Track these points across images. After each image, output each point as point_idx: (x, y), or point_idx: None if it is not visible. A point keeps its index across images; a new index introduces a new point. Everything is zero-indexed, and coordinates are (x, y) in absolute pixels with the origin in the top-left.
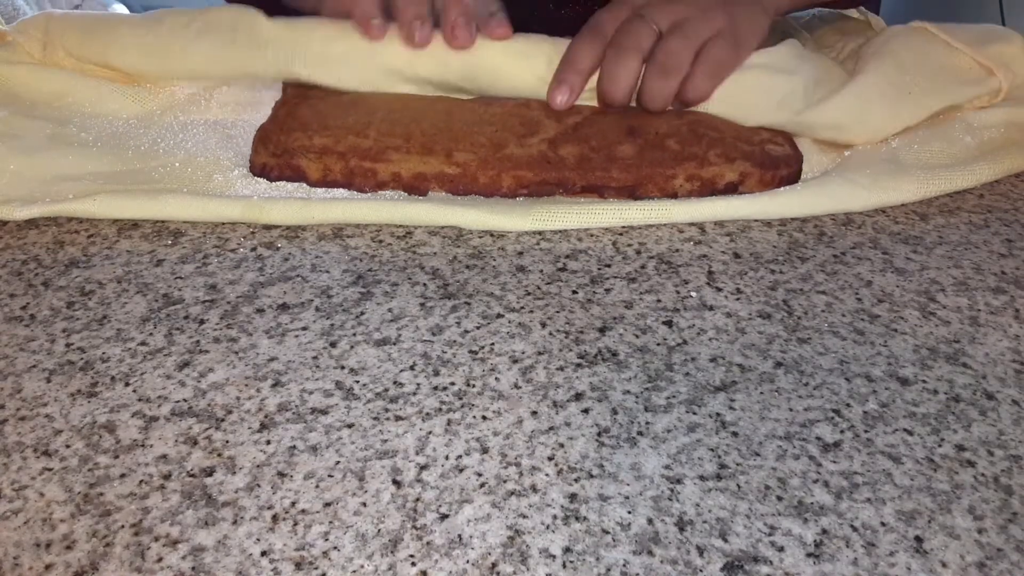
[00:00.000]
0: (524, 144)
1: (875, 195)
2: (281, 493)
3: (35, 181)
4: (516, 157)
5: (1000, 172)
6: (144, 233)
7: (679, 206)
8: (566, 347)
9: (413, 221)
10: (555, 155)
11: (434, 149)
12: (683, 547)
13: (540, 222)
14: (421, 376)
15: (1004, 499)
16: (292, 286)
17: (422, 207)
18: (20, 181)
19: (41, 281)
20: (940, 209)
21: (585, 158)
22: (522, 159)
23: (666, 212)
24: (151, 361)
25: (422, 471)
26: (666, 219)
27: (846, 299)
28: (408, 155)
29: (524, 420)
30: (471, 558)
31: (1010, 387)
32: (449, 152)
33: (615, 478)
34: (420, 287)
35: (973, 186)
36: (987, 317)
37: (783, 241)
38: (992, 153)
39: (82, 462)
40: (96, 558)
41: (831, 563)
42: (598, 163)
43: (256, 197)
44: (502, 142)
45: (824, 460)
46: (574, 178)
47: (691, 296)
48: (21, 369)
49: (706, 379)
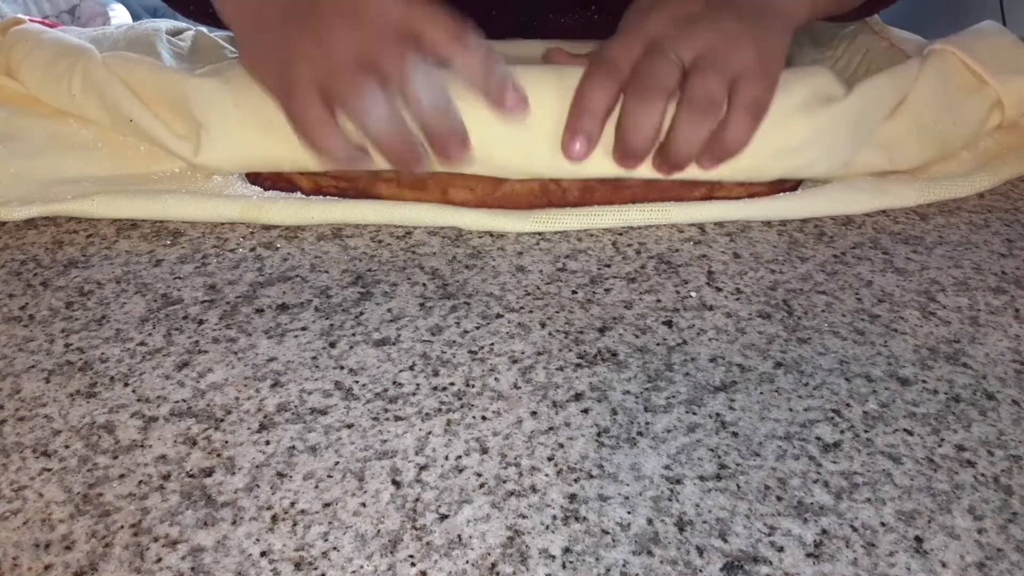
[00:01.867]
0: (524, 182)
1: (876, 200)
2: (280, 493)
3: (34, 184)
4: (516, 194)
5: (999, 181)
6: (143, 233)
7: (679, 208)
8: (566, 347)
9: (413, 222)
10: (557, 187)
11: (427, 186)
12: (683, 547)
13: (540, 224)
14: (420, 376)
15: (1004, 499)
16: (291, 286)
17: (422, 207)
18: (19, 183)
19: (40, 281)
20: (940, 209)
21: (589, 189)
22: (522, 195)
23: (666, 214)
24: (150, 361)
25: (422, 471)
26: (666, 220)
27: (846, 299)
28: (400, 190)
29: (524, 420)
30: (471, 558)
31: (1010, 387)
32: (444, 190)
33: (615, 478)
34: (419, 287)
35: (972, 194)
36: (987, 317)
37: (783, 241)
38: (990, 163)
39: (81, 462)
40: (95, 558)
41: (831, 563)
42: (602, 194)
43: (255, 197)
44: (500, 178)
45: (824, 460)
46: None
47: (691, 296)
48: (20, 369)
49: (706, 379)
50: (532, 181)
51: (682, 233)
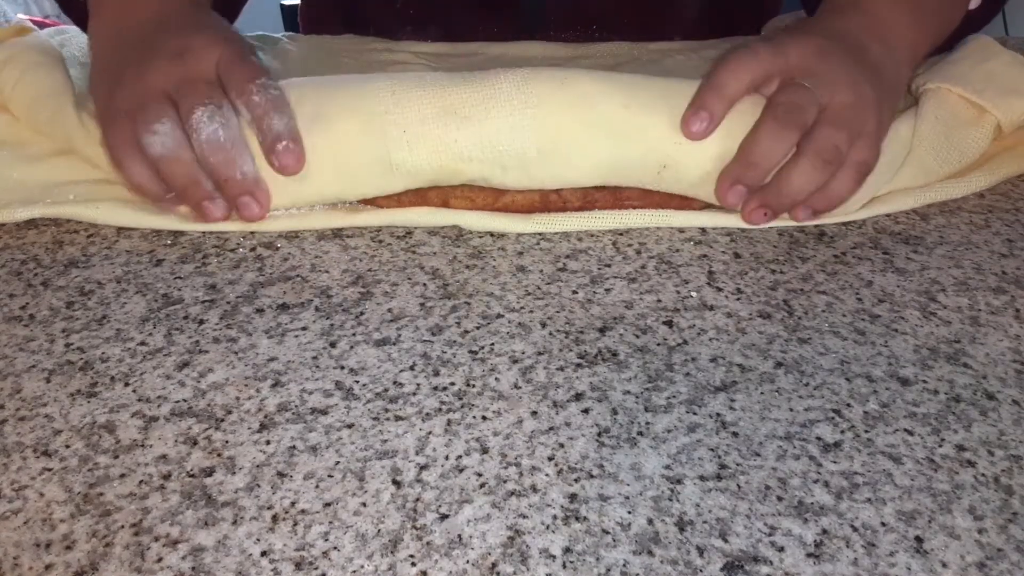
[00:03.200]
0: (525, 193)
1: (873, 207)
2: (281, 493)
3: (37, 188)
4: (517, 204)
5: (996, 180)
6: (143, 233)
7: (680, 215)
8: (566, 347)
9: (414, 223)
10: (558, 198)
11: (428, 197)
12: (683, 547)
13: (542, 225)
14: (421, 376)
15: (1004, 499)
16: (292, 286)
17: (424, 208)
18: (23, 188)
19: (40, 281)
20: (940, 209)
21: (590, 199)
22: (523, 205)
23: (667, 218)
24: (151, 361)
25: (422, 471)
26: (666, 223)
27: (846, 299)
28: (400, 202)
29: (524, 420)
30: (471, 558)
31: (1010, 387)
32: (445, 201)
33: (615, 478)
34: (420, 287)
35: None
36: (987, 317)
37: (783, 241)
38: (987, 163)
39: (82, 462)
40: (96, 558)
41: (831, 563)
42: (603, 202)
43: None
44: (501, 189)
45: (824, 460)
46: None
47: (691, 296)
48: (21, 369)
49: (706, 379)
50: (532, 192)
51: (682, 233)
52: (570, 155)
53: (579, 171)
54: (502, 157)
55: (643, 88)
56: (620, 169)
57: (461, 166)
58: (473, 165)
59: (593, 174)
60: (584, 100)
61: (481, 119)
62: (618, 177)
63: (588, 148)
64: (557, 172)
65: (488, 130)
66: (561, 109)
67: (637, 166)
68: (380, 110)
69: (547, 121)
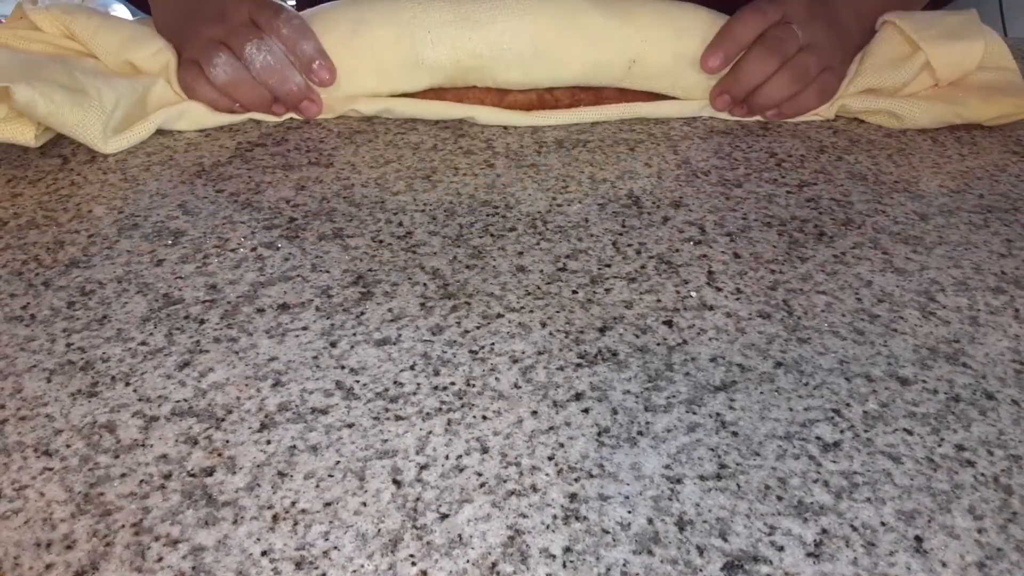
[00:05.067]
0: (525, 93)
1: (836, 109)
2: (281, 493)
3: (129, 103)
4: (519, 102)
5: (992, 111)
6: (144, 233)
7: (649, 106)
8: (566, 347)
9: (439, 115)
10: (551, 96)
11: (444, 96)
12: (683, 547)
13: (539, 119)
14: (421, 376)
15: (1004, 499)
16: (292, 286)
17: (445, 103)
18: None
19: (41, 281)
20: (940, 209)
21: (576, 99)
22: (523, 103)
23: (637, 109)
24: (151, 361)
25: (422, 471)
26: (636, 114)
27: (846, 299)
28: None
29: (524, 420)
30: (471, 558)
31: (1010, 387)
32: (460, 98)
33: (615, 478)
34: (420, 287)
35: (966, 121)
36: (987, 317)
37: (783, 241)
38: (984, 91)
39: (82, 462)
40: (96, 558)
41: (831, 563)
42: (587, 101)
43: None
44: (505, 90)
45: (824, 460)
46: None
47: (691, 296)
48: (21, 369)
49: (706, 379)
50: (531, 92)
51: (682, 233)
52: (561, 55)
53: (569, 69)
54: (505, 55)
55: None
56: (600, 66)
57: (473, 62)
58: (484, 61)
59: (579, 72)
60: (572, 9)
61: (489, 23)
62: (599, 74)
63: (575, 49)
64: (550, 70)
65: (495, 31)
66: (555, 16)
67: (613, 63)
68: (408, 16)
69: (542, 24)
